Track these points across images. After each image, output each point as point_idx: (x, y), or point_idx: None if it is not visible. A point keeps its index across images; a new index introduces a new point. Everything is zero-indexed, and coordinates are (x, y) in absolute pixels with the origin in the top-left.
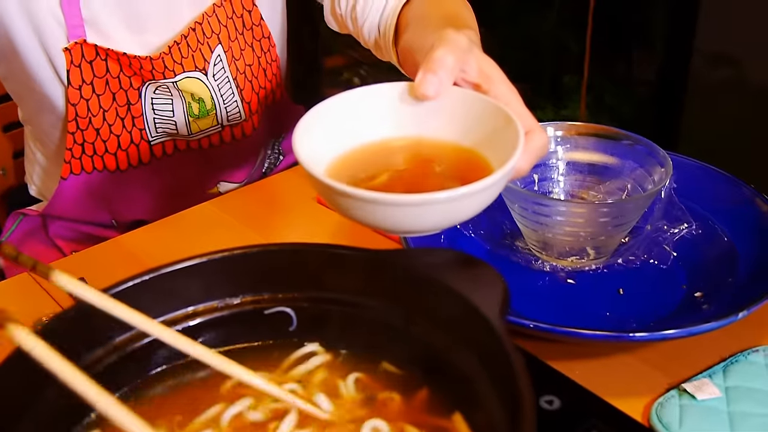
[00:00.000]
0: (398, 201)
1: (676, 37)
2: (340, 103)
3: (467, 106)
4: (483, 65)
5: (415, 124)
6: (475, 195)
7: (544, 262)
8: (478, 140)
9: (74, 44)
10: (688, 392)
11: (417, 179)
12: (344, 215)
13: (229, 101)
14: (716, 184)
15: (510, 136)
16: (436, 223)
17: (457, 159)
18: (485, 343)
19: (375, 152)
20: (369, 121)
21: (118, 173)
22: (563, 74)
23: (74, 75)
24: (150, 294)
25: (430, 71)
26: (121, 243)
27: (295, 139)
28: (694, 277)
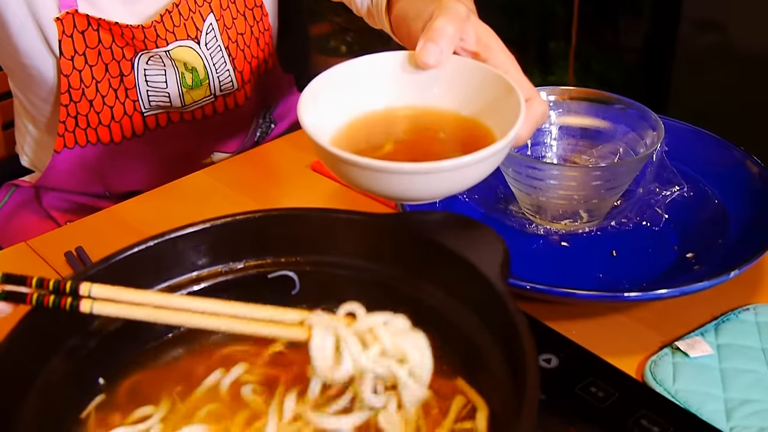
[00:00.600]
0: (405, 169)
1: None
2: (343, 73)
3: (468, 75)
4: (481, 34)
5: (417, 93)
6: (479, 163)
7: (537, 225)
8: (480, 109)
9: (66, 14)
10: (681, 350)
11: (421, 148)
12: (349, 183)
13: (221, 70)
14: (707, 147)
15: (511, 105)
16: (439, 190)
17: (459, 128)
18: (487, 304)
19: (379, 122)
20: (371, 89)
21: (111, 145)
22: (550, 40)
23: (66, 45)
24: (154, 260)
25: (431, 40)
26: (116, 212)
27: (300, 109)
28: (686, 238)
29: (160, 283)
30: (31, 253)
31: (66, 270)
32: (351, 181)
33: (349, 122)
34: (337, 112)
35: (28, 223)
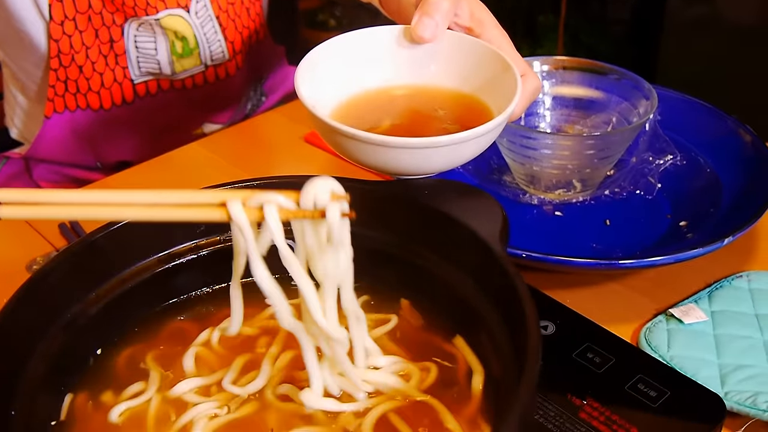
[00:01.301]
0: (403, 143)
1: None
2: (340, 46)
3: (464, 51)
4: (475, 9)
5: (414, 68)
6: (476, 139)
7: (531, 195)
8: (477, 85)
9: None
10: (675, 317)
11: (419, 124)
12: (347, 157)
13: (212, 40)
14: (700, 116)
15: (508, 81)
16: (437, 165)
17: (457, 105)
18: (487, 268)
19: (377, 99)
20: (369, 64)
21: (101, 112)
22: (539, 13)
23: (56, 10)
24: (150, 229)
25: (426, 14)
26: (108, 184)
27: (297, 81)
28: (679, 207)
29: (158, 253)
30: (25, 225)
31: (60, 242)
32: (349, 155)
33: (347, 98)
34: (335, 87)
35: None
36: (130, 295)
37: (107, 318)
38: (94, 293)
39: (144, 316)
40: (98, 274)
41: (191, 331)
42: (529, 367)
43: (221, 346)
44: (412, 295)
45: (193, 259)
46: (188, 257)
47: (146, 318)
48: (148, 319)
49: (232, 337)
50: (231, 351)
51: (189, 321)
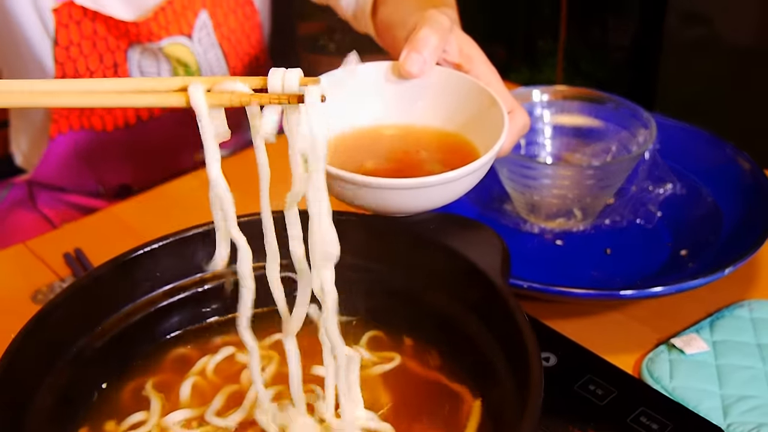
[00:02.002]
0: (389, 185)
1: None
2: (330, 82)
3: (451, 86)
4: (464, 45)
5: (402, 104)
6: (463, 178)
7: (532, 224)
8: (464, 122)
9: (62, 5)
10: (676, 347)
11: (405, 166)
12: (336, 197)
13: (215, 66)
14: (699, 145)
15: (495, 118)
16: (425, 204)
17: (443, 143)
18: (488, 302)
19: (364, 138)
20: (357, 102)
21: (103, 134)
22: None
23: (62, 35)
24: (161, 261)
25: (414, 50)
26: (113, 213)
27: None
28: (679, 235)
29: (164, 286)
30: (30, 254)
31: (65, 271)
32: (338, 196)
33: (335, 137)
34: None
35: (23, 223)
36: (135, 328)
37: (113, 351)
38: (100, 327)
39: (148, 348)
40: (104, 307)
41: (193, 359)
42: (531, 402)
43: (216, 375)
44: (413, 329)
45: (197, 292)
46: (193, 290)
47: (151, 350)
48: (153, 350)
49: (227, 366)
50: (224, 380)
51: (192, 349)
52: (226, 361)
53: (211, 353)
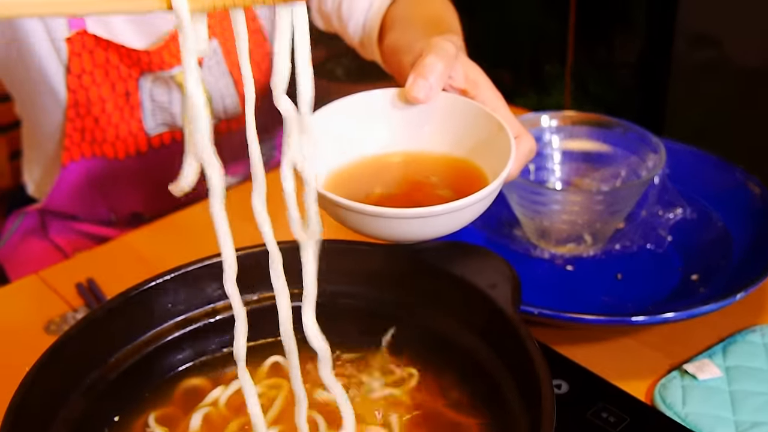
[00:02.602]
0: (397, 214)
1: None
2: (335, 113)
3: (458, 112)
4: (469, 71)
5: (409, 130)
6: (470, 207)
7: (542, 249)
8: (471, 148)
9: (75, 34)
10: (689, 373)
11: (413, 193)
12: (345, 226)
13: (226, 94)
14: (709, 169)
15: (502, 144)
16: (434, 232)
17: (451, 170)
18: (499, 331)
19: (372, 165)
20: (364, 128)
21: (115, 162)
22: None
23: (75, 63)
24: (172, 293)
25: (420, 76)
26: (125, 243)
27: None
28: (690, 260)
29: (175, 317)
30: (42, 284)
31: (77, 301)
32: (346, 224)
33: (343, 165)
34: (332, 155)
35: (35, 252)
36: (147, 360)
37: (125, 383)
38: (113, 359)
39: (160, 380)
40: (117, 340)
41: (205, 390)
42: (544, 430)
43: (227, 407)
44: (423, 357)
45: (209, 323)
46: (204, 321)
47: (162, 382)
48: (164, 382)
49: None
50: (233, 412)
51: (204, 380)
52: (237, 393)
53: (224, 384)
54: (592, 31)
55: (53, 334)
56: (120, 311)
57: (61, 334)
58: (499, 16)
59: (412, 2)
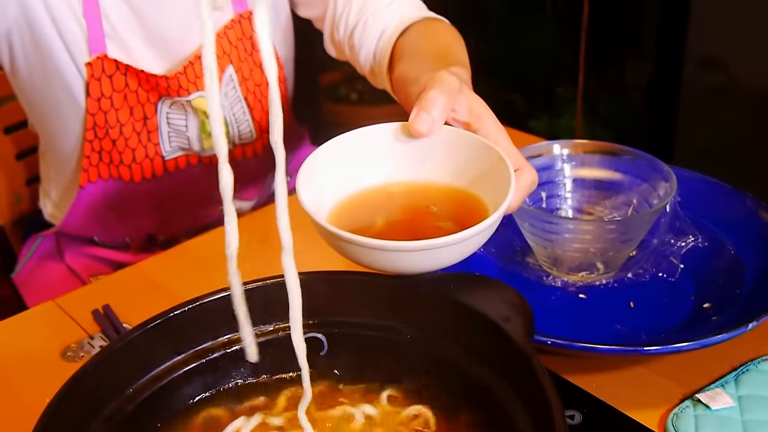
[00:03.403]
0: (398, 247)
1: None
2: (339, 147)
3: (459, 145)
4: (473, 105)
5: (412, 162)
6: (471, 239)
7: (554, 277)
8: (471, 180)
9: (96, 59)
10: (702, 402)
11: (415, 223)
12: (347, 258)
13: (241, 120)
14: (720, 197)
15: (502, 176)
16: (435, 264)
17: (452, 201)
18: (512, 363)
19: (374, 197)
20: (367, 162)
21: (131, 185)
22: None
23: (94, 87)
24: (189, 323)
25: (423, 110)
26: (141, 269)
27: (298, 186)
28: (702, 288)
29: (192, 348)
30: (59, 311)
31: (94, 328)
32: (348, 257)
33: (346, 198)
34: (335, 187)
35: (51, 277)
36: (165, 391)
37: (143, 414)
38: (130, 390)
39: (177, 411)
40: (135, 371)
41: (222, 421)
42: None
43: None
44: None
45: (226, 354)
46: (222, 351)
47: (179, 413)
48: (181, 414)
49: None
50: None
51: (221, 411)
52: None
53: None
54: (603, 55)
55: (70, 361)
56: (138, 342)
57: (82, 365)
58: (511, 42)
59: (421, 33)
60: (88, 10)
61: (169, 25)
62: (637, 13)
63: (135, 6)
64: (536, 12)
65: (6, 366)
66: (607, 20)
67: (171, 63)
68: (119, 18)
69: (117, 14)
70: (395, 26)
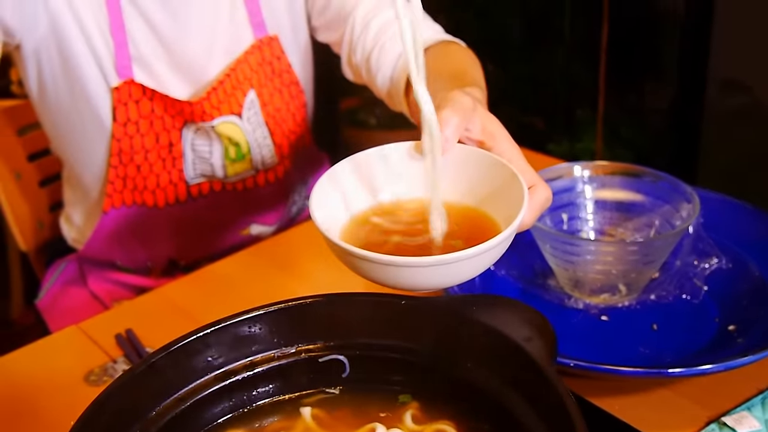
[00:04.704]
0: (411, 263)
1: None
2: (353, 165)
3: (473, 163)
4: (486, 124)
5: (424, 182)
6: (482, 254)
7: (576, 299)
8: (484, 197)
9: (123, 83)
10: (728, 425)
11: (428, 240)
12: (359, 275)
13: (262, 145)
14: (743, 218)
15: (515, 193)
16: (447, 281)
17: (464, 218)
18: (536, 386)
19: (388, 213)
20: (380, 180)
21: (155, 210)
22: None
23: (120, 113)
24: (212, 346)
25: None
26: (163, 293)
27: (311, 204)
28: (727, 310)
29: (215, 371)
30: (82, 335)
31: (116, 352)
32: (360, 273)
33: (360, 215)
34: (349, 205)
35: (74, 302)
36: (187, 413)
37: None
38: (153, 412)
39: None
40: (158, 393)
41: None
42: None
43: None
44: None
45: (247, 376)
46: (244, 374)
47: None
48: None
49: None
50: None
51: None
52: None
53: None
54: (623, 78)
55: (93, 385)
56: (161, 365)
57: (105, 388)
58: (531, 64)
59: (438, 56)
60: (114, 29)
61: (192, 50)
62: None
63: (159, 30)
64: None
65: (31, 390)
66: (627, 42)
67: (194, 88)
68: (144, 42)
69: (142, 37)
70: None
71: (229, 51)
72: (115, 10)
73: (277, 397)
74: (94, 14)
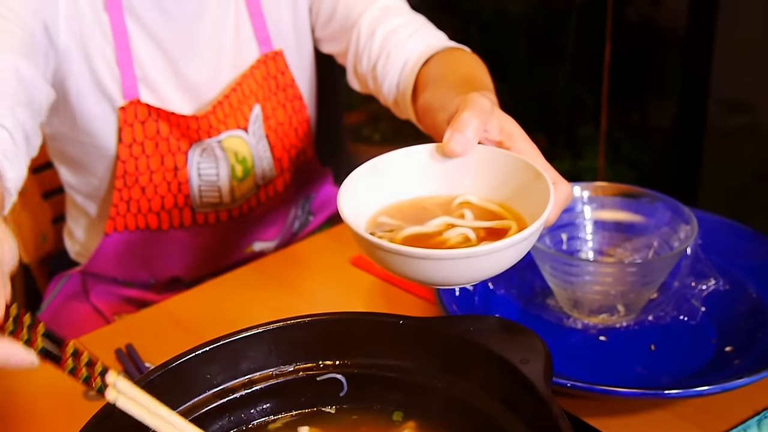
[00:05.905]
0: (439, 255)
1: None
2: (379, 165)
3: (495, 162)
4: (504, 124)
5: (448, 181)
6: (510, 248)
7: (575, 319)
8: (508, 194)
9: (129, 103)
10: None
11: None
12: (386, 269)
13: (263, 157)
14: (741, 240)
15: (540, 189)
16: (474, 275)
17: (489, 215)
18: (532, 408)
19: (410, 208)
20: (404, 180)
21: (159, 233)
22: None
23: (126, 133)
24: (212, 363)
25: (457, 131)
26: (164, 308)
27: (339, 199)
28: (724, 331)
29: (213, 388)
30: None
31: (116, 367)
32: (387, 267)
33: (384, 209)
34: (374, 202)
35: (76, 316)
36: None
37: None
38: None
39: None
40: None
41: None
42: None
43: None
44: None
45: (246, 394)
46: (242, 392)
47: None
48: None
49: None
50: None
51: None
52: None
53: None
54: (625, 96)
55: (92, 400)
56: (160, 382)
57: (103, 404)
58: (533, 82)
59: (444, 62)
60: (121, 57)
61: (199, 70)
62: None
63: (167, 50)
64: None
65: (30, 405)
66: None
67: (200, 103)
68: (151, 62)
69: (149, 58)
70: (418, 56)
71: (235, 66)
72: (121, 33)
73: (274, 415)
74: (99, 47)
